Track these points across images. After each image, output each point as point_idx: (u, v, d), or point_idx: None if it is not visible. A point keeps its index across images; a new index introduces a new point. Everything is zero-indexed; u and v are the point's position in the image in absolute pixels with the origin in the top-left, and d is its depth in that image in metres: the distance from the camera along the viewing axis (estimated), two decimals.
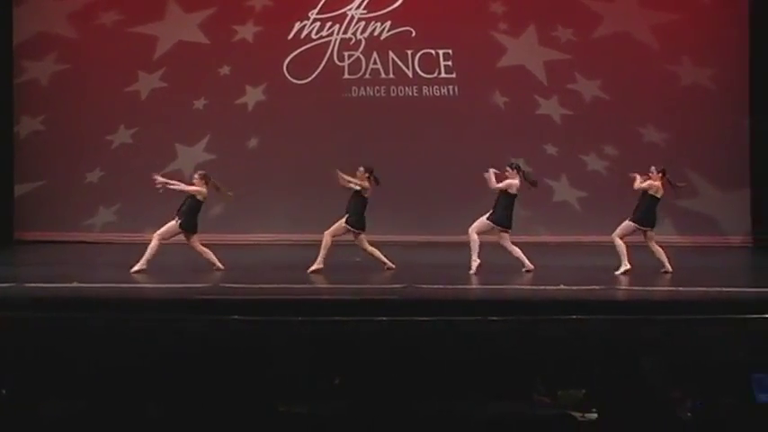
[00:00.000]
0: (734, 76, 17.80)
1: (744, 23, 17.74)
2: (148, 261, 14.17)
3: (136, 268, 14.10)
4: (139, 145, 18.47)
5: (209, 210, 18.42)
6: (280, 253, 16.77)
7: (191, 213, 14.48)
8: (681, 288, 12.85)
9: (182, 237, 14.53)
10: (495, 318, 10.85)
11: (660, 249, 14.29)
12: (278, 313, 11.17)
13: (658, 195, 14.25)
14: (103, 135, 18.57)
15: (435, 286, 12.96)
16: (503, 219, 14.30)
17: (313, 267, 14.18)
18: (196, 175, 14.69)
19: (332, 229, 14.40)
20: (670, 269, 14.11)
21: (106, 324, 10.80)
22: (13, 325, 10.72)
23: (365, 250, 14.54)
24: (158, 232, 14.40)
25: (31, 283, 13.17)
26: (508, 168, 14.35)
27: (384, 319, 10.87)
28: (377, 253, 14.53)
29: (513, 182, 14.26)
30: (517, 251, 14.29)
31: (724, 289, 12.59)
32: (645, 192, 14.25)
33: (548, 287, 12.83)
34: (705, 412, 6.69)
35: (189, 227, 14.44)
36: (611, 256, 14.24)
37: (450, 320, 10.90)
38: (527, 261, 14.18)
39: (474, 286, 13.60)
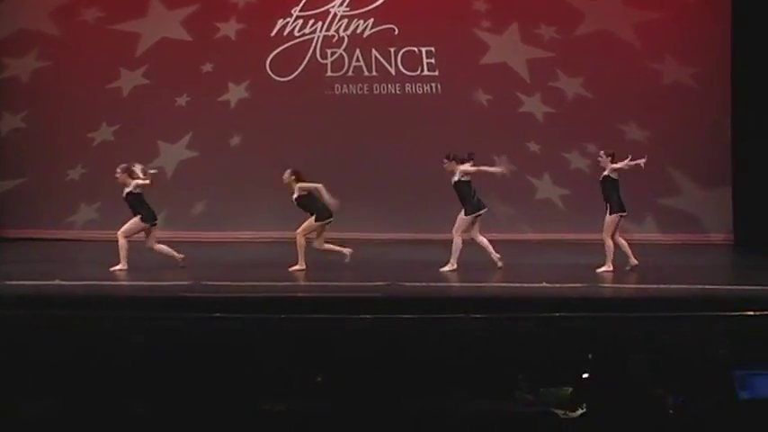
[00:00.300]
0: (716, 75, 17.84)
1: (726, 22, 17.77)
2: (126, 260, 14.15)
3: (116, 268, 14.08)
4: (121, 142, 18.41)
5: (192, 207, 18.45)
6: (262, 250, 16.75)
7: (141, 206, 14.42)
8: (663, 285, 12.88)
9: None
10: (477, 315, 10.87)
11: (625, 243, 14.28)
12: (260, 311, 11.17)
13: (616, 176, 14.24)
14: (85, 132, 18.52)
15: (418, 284, 12.96)
16: (475, 206, 14.32)
17: (295, 267, 14.18)
18: (119, 170, 14.51)
19: (302, 228, 14.40)
20: (636, 262, 14.11)
21: (88, 322, 10.78)
22: None
23: (322, 248, 14.49)
24: (122, 230, 14.35)
25: (12, 280, 13.13)
26: (446, 161, 14.38)
27: (367, 316, 10.88)
28: (332, 247, 14.49)
29: (463, 168, 14.28)
30: (484, 242, 14.27)
31: (706, 286, 12.64)
32: (604, 179, 14.24)
33: (531, 285, 12.85)
34: (687, 409, 6.70)
35: (150, 218, 14.37)
36: (594, 253, 14.28)
37: (433, 318, 10.91)
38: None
39: (457, 284, 13.61)
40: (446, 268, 14.07)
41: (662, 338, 10.14)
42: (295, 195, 14.48)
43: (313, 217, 14.44)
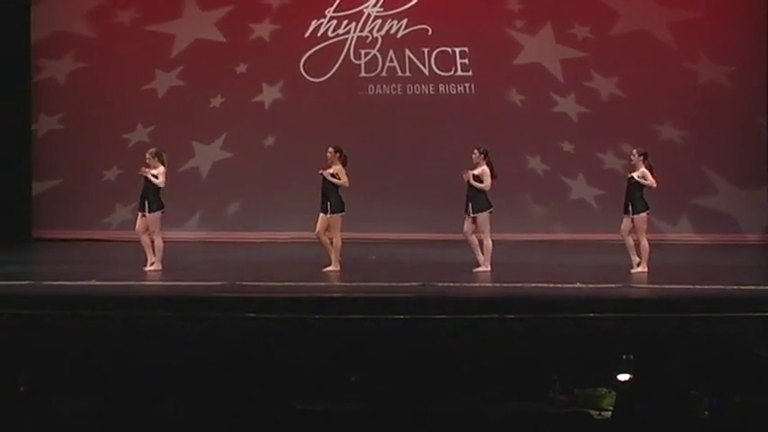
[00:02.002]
0: (751, 74, 17.73)
1: (761, 21, 17.66)
2: (161, 260, 14.13)
3: (151, 269, 14.09)
4: (156, 143, 18.38)
5: (226, 208, 18.53)
6: (297, 250, 16.76)
7: (156, 192, 14.17)
8: (698, 286, 12.81)
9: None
10: (511, 316, 10.85)
11: (633, 244, 14.08)
12: (295, 311, 11.20)
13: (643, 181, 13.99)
14: (121, 133, 18.62)
15: (451, 284, 12.96)
16: (486, 203, 14.24)
17: (329, 268, 14.16)
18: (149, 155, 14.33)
19: (336, 228, 14.24)
20: (645, 270, 13.90)
21: (123, 322, 10.84)
22: (31, 323, 10.77)
23: (332, 239, 14.30)
24: (152, 231, 14.17)
25: (48, 281, 13.23)
26: (476, 152, 14.30)
27: (400, 317, 10.88)
28: (331, 247, 14.30)
29: (484, 168, 14.22)
30: (477, 247, 14.14)
31: (742, 286, 12.57)
32: (630, 181, 14.02)
33: (565, 285, 12.82)
34: (723, 410, 6.68)
35: (158, 205, 14.18)
36: (628, 254, 14.18)
37: (466, 318, 10.91)
38: (488, 261, 14.05)
39: (490, 284, 13.59)
40: (479, 269, 14.04)
41: (697, 339, 10.10)
42: (330, 171, 14.26)
43: (340, 214, 14.30)
